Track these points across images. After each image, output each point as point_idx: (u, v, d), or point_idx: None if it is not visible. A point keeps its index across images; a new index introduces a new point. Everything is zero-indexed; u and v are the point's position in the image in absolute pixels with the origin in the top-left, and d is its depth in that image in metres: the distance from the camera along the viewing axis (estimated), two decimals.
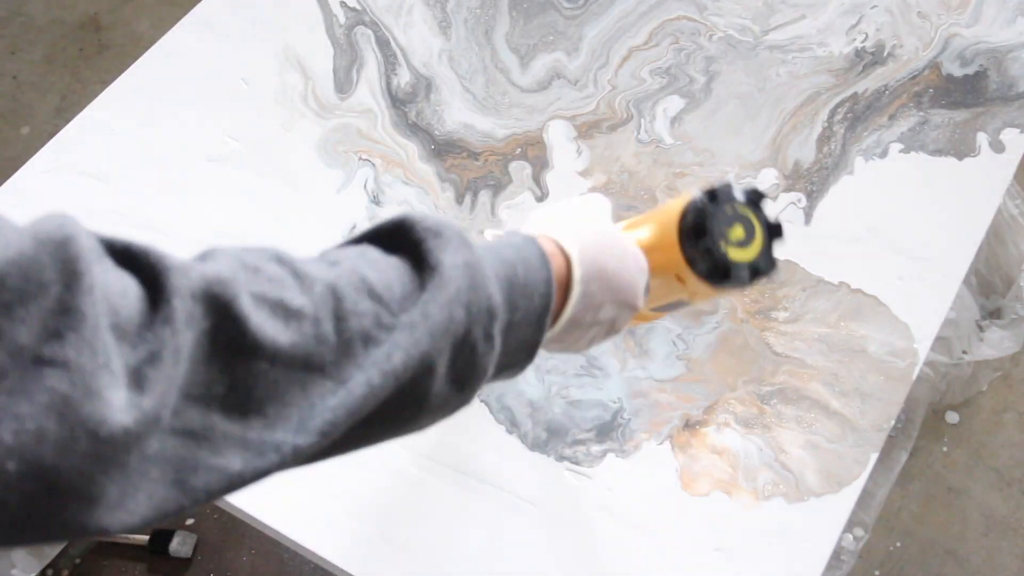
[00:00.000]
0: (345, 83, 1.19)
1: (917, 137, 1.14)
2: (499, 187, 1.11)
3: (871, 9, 1.25)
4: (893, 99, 1.17)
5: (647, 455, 0.93)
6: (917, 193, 1.10)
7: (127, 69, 1.19)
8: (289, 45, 1.22)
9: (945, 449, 1.68)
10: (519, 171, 1.12)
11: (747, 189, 0.62)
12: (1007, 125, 1.15)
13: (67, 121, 1.17)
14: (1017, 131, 1.14)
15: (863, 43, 1.22)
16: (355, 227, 1.09)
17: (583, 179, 1.11)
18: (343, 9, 1.24)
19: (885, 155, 1.13)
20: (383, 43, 1.22)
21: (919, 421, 1.56)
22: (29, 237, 0.36)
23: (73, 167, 1.13)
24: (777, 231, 0.62)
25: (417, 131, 1.15)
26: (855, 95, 1.17)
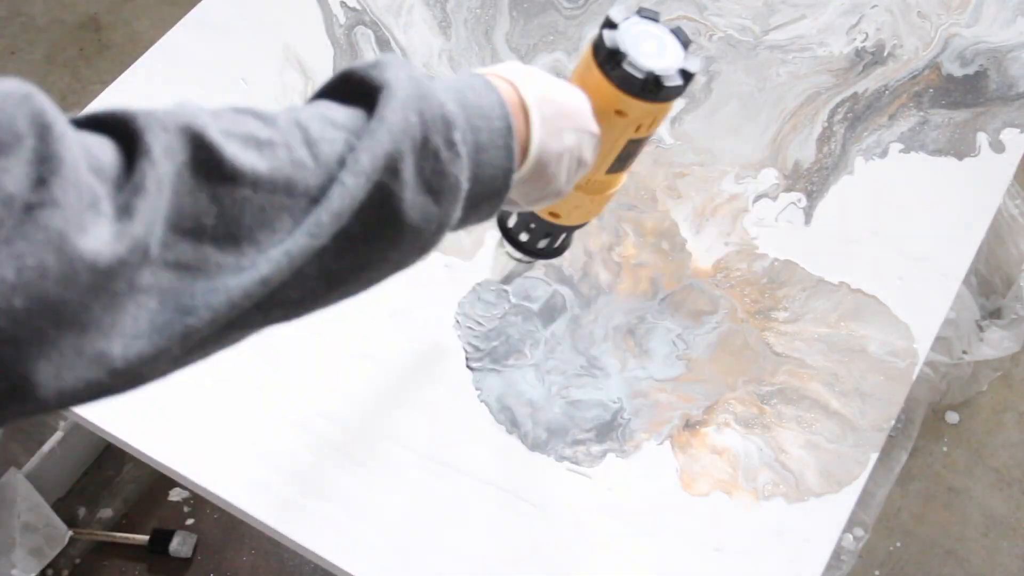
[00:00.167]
0: None
1: (917, 137, 1.14)
2: None
3: (871, 9, 1.25)
4: (893, 99, 1.17)
5: (647, 455, 0.93)
6: (917, 193, 1.10)
7: (127, 69, 1.19)
8: (289, 45, 1.21)
9: (945, 449, 1.68)
10: None
11: (639, 8, 0.64)
12: (1007, 125, 1.15)
13: None
14: (1017, 131, 1.14)
15: (863, 43, 1.22)
16: None
17: None
18: (343, 9, 1.24)
19: (885, 155, 1.13)
20: (383, 43, 1.22)
21: (919, 421, 1.56)
22: None
23: None
24: (681, 34, 0.64)
25: None
26: (855, 95, 1.17)
